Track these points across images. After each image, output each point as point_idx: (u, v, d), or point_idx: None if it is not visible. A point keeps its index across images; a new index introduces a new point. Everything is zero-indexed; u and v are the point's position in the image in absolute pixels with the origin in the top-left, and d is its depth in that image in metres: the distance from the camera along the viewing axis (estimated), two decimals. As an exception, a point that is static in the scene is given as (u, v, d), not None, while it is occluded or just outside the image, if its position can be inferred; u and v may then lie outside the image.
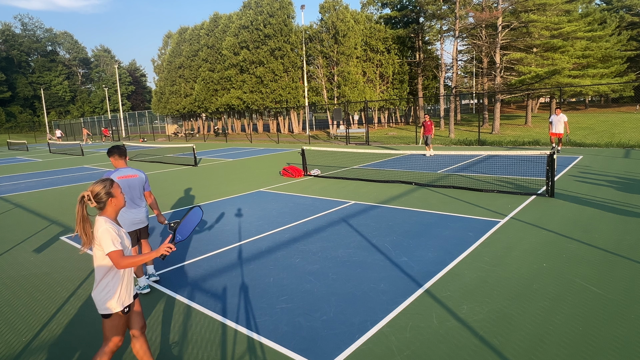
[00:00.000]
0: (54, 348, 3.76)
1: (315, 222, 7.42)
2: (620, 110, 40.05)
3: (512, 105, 58.92)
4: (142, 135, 51.12)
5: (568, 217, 6.96)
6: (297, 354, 3.43)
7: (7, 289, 5.18)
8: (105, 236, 2.64)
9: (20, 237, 7.57)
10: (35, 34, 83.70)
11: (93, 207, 2.72)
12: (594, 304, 4.01)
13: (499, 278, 4.69)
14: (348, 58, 32.41)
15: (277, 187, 11.15)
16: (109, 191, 2.75)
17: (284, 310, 4.20)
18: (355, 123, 35.04)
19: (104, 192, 2.73)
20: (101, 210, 2.77)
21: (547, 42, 26.21)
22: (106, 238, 2.63)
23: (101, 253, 2.68)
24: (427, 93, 38.58)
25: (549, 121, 15.11)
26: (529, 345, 3.40)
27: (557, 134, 14.94)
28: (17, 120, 75.58)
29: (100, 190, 2.72)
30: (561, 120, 14.71)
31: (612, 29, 37.11)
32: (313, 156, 17.87)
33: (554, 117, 14.87)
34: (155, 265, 5.66)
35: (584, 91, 30.94)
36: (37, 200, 11.27)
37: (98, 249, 2.68)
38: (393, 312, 4.04)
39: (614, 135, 20.09)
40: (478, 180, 10.57)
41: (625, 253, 5.23)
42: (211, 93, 39.07)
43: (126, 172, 4.70)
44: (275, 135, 33.68)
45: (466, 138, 22.05)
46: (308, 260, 5.52)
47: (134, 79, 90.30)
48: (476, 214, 7.38)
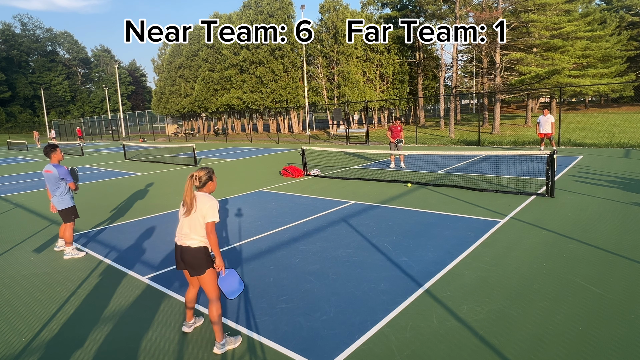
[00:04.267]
0: (54, 348, 3.76)
1: (315, 222, 7.42)
2: (620, 110, 40.04)
3: (512, 105, 58.90)
4: (142, 135, 51.11)
5: (568, 217, 6.96)
6: (297, 354, 3.43)
7: (7, 288, 5.18)
8: (215, 207, 3.44)
9: (20, 237, 7.57)
10: (35, 34, 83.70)
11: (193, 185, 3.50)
12: (594, 304, 4.01)
13: (499, 278, 4.69)
14: (348, 58, 32.41)
15: (277, 187, 11.15)
16: (210, 176, 3.55)
17: (284, 310, 4.20)
18: (355, 123, 35.03)
19: (206, 176, 3.52)
20: (200, 188, 3.51)
21: (547, 42, 26.21)
22: (215, 209, 3.44)
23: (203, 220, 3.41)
24: (427, 93, 38.59)
25: (537, 122, 15.11)
26: (529, 345, 3.40)
27: (545, 134, 14.86)
28: (17, 120, 75.58)
29: (203, 175, 3.50)
30: (548, 120, 14.64)
31: (612, 29, 37.12)
32: (313, 156, 17.87)
33: (541, 118, 14.84)
34: (155, 264, 5.67)
35: (584, 91, 30.97)
36: (37, 200, 11.27)
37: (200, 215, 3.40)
38: (393, 312, 4.04)
39: (614, 135, 20.09)
40: (478, 180, 10.57)
41: (625, 253, 5.23)
42: (211, 93, 39.07)
43: (47, 167, 6.09)
44: (275, 135, 33.68)
45: (466, 138, 22.05)
46: (308, 260, 5.52)
47: (134, 79, 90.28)
48: (476, 214, 7.38)
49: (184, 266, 3.55)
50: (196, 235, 3.46)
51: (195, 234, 3.45)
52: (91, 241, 7.03)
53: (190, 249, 3.46)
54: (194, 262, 3.45)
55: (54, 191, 6.14)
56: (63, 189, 6.17)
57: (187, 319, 3.90)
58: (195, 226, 3.44)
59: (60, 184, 6.14)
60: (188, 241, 3.47)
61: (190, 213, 3.43)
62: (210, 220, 3.40)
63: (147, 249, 6.44)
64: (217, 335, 3.51)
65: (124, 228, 7.79)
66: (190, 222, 3.46)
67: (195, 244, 3.46)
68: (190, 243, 3.46)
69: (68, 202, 6.23)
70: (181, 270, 4.23)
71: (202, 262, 3.46)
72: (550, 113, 21.95)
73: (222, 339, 3.53)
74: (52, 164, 6.11)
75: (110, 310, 4.43)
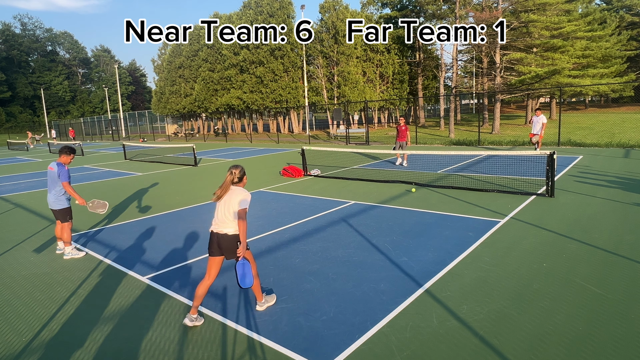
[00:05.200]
0: (55, 348, 3.76)
1: (315, 222, 7.42)
2: (620, 110, 40.03)
3: (512, 105, 58.90)
4: (142, 135, 51.12)
5: (568, 217, 6.96)
6: (297, 354, 3.43)
7: (7, 288, 5.18)
8: (248, 199, 3.92)
9: (20, 237, 7.57)
10: (35, 34, 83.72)
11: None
12: (594, 304, 4.01)
13: (499, 278, 4.69)
14: (348, 58, 32.41)
15: (277, 187, 11.15)
16: (244, 173, 4.11)
17: (284, 310, 4.20)
18: (355, 123, 35.03)
19: (241, 173, 4.06)
20: (236, 183, 4.02)
21: (547, 42, 26.21)
22: (248, 200, 3.92)
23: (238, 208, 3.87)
24: (427, 93, 38.59)
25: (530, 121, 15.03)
26: (529, 345, 3.40)
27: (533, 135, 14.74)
28: (17, 120, 75.59)
29: (239, 172, 4.04)
30: (539, 121, 14.45)
31: (612, 29, 37.10)
32: (313, 156, 17.87)
33: (533, 118, 14.73)
34: (155, 264, 5.67)
35: (584, 91, 30.95)
36: (37, 200, 11.27)
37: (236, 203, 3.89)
38: (393, 312, 4.04)
39: (614, 135, 20.09)
40: (478, 180, 10.57)
41: (625, 253, 5.23)
42: (211, 93, 39.06)
43: (52, 164, 6.29)
44: (275, 135, 33.68)
45: (466, 138, 22.05)
46: (308, 260, 5.52)
47: (134, 79, 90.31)
48: (476, 214, 7.38)
49: (219, 252, 3.97)
50: (232, 224, 3.91)
51: (232, 222, 3.91)
52: (91, 241, 7.03)
53: (227, 236, 3.92)
54: (230, 246, 3.92)
55: (52, 189, 6.26)
56: (60, 189, 6.25)
57: (192, 312, 4.00)
58: (231, 215, 3.90)
59: (58, 183, 6.23)
60: (225, 229, 3.93)
61: (227, 203, 3.92)
62: (243, 207, 3.87)
63: (147, 249, 6.44)
64: (258, 296, 4.20)
65: (124, 228, 7.79)
66: (226, 211, 3.92)
67: (232, 232, 3.93)
68: (227, 231, 3.93)
69: (64, 203, 6.29)
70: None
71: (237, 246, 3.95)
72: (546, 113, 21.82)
73: (263, 299, 4.23)
74: (57, 162, 6.24)
75: (110, 310, 4.43)
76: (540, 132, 14.51)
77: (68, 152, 6.25)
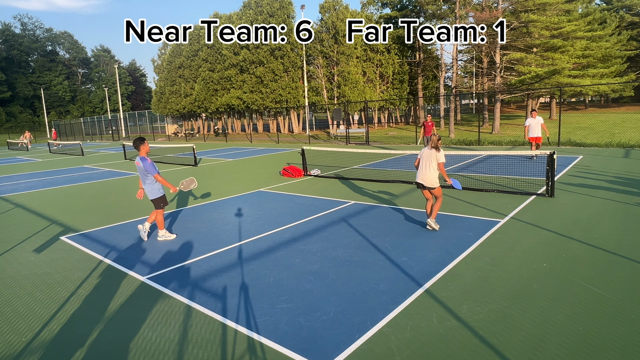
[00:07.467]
0: (54, 348, 3.76)
1: (315, 222, 7.42)
2: (620, 110, 40.04)
3: (512, 105, 58.91)
4: (142, 135, 51.13)
5: (568, 217, 6.96)
6: (297, 354, 3.43)
7: (7, 288, 5.18)
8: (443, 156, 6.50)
9: (20, 237, 7.57)
10: (35, 34, 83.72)
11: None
12: (594, 304, 4.01)
13: (499, 278, 4.69)
14: (348, 58, 32.40)
15: (277, 187, 11.15)
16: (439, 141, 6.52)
17: (284, 310, 4.20)
18: (355, 123, 35.02)
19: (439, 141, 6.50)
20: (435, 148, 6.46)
21: (547, 42, 26.20)
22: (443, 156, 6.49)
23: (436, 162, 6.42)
24: (427, 93, 38.58)
25: (524, 125, 13.88)
26: (529, 345, 3.40)
27: (535, 138, 13.61)
28: (17, 120, 75.60)
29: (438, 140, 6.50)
30: (539, 122, 13.45)
31: (612, 28, 37.10)
32: (313, 156, 17.87)
33: (530, 120, 13.59)
34: (155, 264, 5.67)
35: (584, 91, 30.97)
36: (37, 200, 11.27)
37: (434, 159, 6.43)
38: (393, 312, 4.04)
39: (614, 135, 20.09)
40: (478, 180, 10.57)
41: (625, 253, 5.24)
42: (211, 93, 39.06)
43: (137, 159, 6.59)
44: (275, 135, 33.68)
45: (466, 138, 22.05)
46: (308, 260, 5.53)
47: (134, 79, 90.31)
48: (476, 214, 7.38)
49: (424, 187, 6.53)
50: (433, 170, 6.41)
51: (433, 169, 6.42)
52: (91, 241, 7.03)
53: (430, 177, 6.43)
54: (433, 182, 6.42)
55: (144, 181, 6.62)
56: (152, 180, 6.61)
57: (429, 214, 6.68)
58: (432, 165, 6.42)
59: (148, 175, 6.57)
60: (427, 173, 6.43)
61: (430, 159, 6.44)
62: (441, 161, 6.40)
63: (147, 249, 6.44)
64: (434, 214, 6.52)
65: (124, 228, 7.79)
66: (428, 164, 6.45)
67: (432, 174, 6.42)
68: (429, 174, 6.43)
69: (157, 193, 6.67)
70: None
71: (435, 183, 6.43)
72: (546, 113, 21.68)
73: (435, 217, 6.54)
74: (140, 157, 6.54)
75: (110, 310, 4.43)
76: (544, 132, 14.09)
77: (140, 142, 6.53)
